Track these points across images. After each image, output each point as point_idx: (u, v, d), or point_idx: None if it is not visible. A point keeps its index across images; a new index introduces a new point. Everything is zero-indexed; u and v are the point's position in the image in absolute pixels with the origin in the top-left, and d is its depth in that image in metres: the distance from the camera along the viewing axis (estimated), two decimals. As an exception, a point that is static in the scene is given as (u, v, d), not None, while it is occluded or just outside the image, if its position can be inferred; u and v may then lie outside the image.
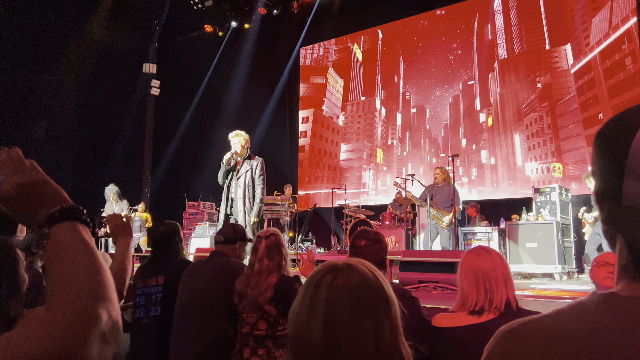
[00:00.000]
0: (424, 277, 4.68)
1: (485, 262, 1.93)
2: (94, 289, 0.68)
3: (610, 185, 0.66)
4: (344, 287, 0.97)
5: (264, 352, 2.51)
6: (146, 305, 3.01)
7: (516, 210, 7.98)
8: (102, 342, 0.64)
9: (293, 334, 0.98)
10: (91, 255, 0.73)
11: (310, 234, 10.26)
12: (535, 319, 0.68)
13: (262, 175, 5.60)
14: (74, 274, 0.69)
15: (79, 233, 0.76)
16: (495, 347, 0.68)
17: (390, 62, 12.73)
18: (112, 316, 0.68)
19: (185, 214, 10.43)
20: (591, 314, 0.64)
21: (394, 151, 12.24)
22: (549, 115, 9.99)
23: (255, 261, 2.66)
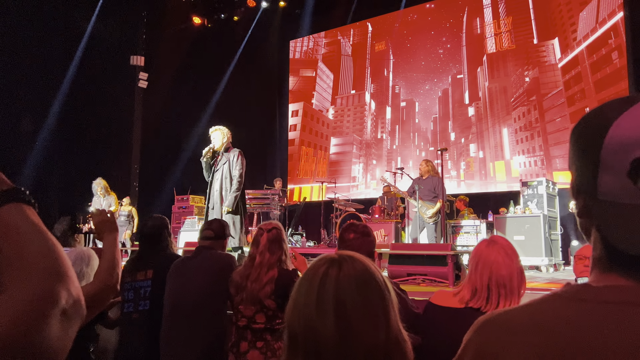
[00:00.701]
0: (413, 270, 4.72)
1: (505, 268, 1.86)
2: (50, 268, 0.66)
3: (585, 180, 0.67)
4: (351, 277, 0.98)
5: (263, 345, 2.51)
6: (135, 299, 3.00)
7: (504, 203, 8.05)
8: (63, 320, 0.63)
9: (301, 333, 0.97)
10: (43, 235, 0.71)
11: (300, 227, 10.26)
12: (510, 309, 0.71)
13: (239, 165, 5.53)
14: (27, 254, 0.67)
15: (25, 214, 0.73)
16: (473, 337, 0.71)
17: (380, 55, 12.73)
18: (73, 293, 0.66)
19: (174, 208, 10.38)
20: (563, 304, 0.66)
21: (384, 145, 12.27)
22: (537, 109, 10.07)
23: (256, 254, 2.63)
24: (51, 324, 0.61)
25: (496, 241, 1.96)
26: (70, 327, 0.65)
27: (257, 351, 2.49)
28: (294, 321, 0.99)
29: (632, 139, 0.62)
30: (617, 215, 0.64)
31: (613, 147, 0.63)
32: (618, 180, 0.63)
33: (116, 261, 1.55)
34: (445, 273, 4.53)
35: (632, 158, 0.61)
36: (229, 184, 5.48)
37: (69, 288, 0.66)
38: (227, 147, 5.63)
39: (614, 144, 0.63)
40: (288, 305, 1.03)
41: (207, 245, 3.04)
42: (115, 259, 1.55)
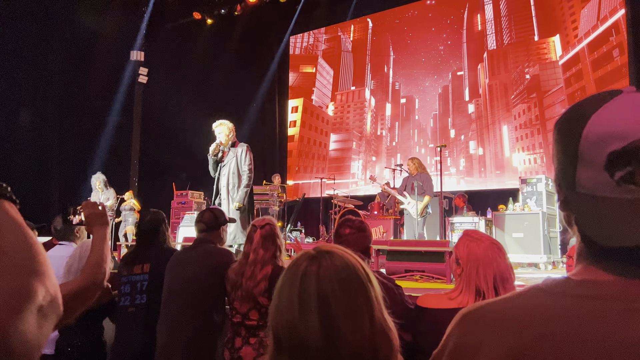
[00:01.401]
0: (411, 267, 4.72)
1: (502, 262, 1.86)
2: (27, 264, 0.66)
3: (565, 173, 0.69)
4: (331, 274, 0.97)
5: (256, 341, 2.52)
6: (131, 293, 3.00)
7: (503, 200, 8.04)
8: (40, 316, 0.63)
9: (285, 334, 0.96)
10: (22, 231, 0.71)
11: (299, 223, 10.28)
12: (491, 301, 0.72)
13: (248, 160, 5.51)
14: (5, 249, 0.67)
15: (5, 210, 0.73)
16: (454, 329, 0.73)
17: (380, 52, 12.70)
18: (50, 290, 0.66)
19: (174, 203, 10.37)
20: (542, 297, 0.68)
21: (383, 141, 12.25)
22: (537, 107, 10.05)
23: (250, 251, 2.63)
24: (26, 320, 0.60)
25: (481, 238, 1.94)
26: (46, 324, 0.64)
27: (250, 347, 2.51)
28: (277, 323, 0.98)
29: (608, 132, 0.63)
30: (594, 208, 0.65)
31: (590, 141, 0.65)
32: (595, 173, 0.64)
33: (104, 257, 1.50)
34: (442, 270, 4.52)
35: (608, 151, 0.63)
36: (236, 179, 5.44)
37: (46, 284, 0.66)
38: (233, 142, 5.59)
39: (591, 137, 0.65)
40: (270, 306, 1.01)
41: (205, 238, 3.03)
42: (103, 255, 1.50)
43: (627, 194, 0.62)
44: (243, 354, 2.50)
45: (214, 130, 5.61)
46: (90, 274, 1.45)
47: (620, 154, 0.62)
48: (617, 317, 0.61)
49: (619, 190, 0.62)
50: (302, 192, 12.51)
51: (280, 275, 2.50)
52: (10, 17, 9.67)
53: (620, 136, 0.62)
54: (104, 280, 1.48)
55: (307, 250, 1.04)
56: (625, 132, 0.62)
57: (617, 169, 0.62)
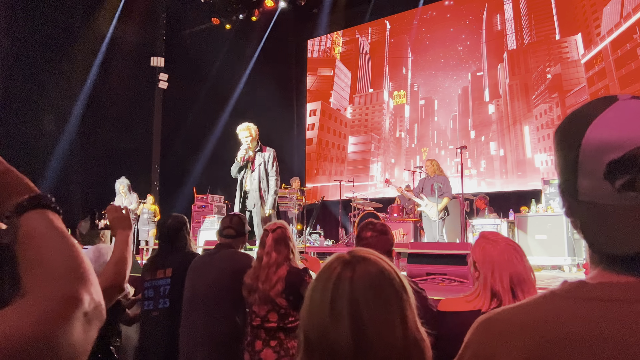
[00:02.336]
0: (432, 269, 4.68)
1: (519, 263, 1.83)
2: (73, 272, 0.67)
3: (567, 181, 0.70)
4: (365, 279, 0.95)
5: (276, 344, 2.53)
6: (155, 297, 3.03)
7: (525, 202, 7.92)
8: (85, 323, 0.64)
9: (316, 337, 0.94)
10: (66, 240, 0.72)
11: (319, 226, 10.26)
12: (509, 308, 0.73)
13: (275, 167, 5.55)
14: (50, 258, 0.68)
15: (50, 220, 0.75)
16: (472, 337, 0.73)
17: (398, 53, 12.65)
18: (94, 297, 0.67)
19: (194, 207, 10.46)
20: (559, 302, 0.68)
21: (402, 143, 12.19)
22: (559, 107, 9.89)
23: (263, 254, 2.66)
24: (74, 327, 0.62)
25: (497, 239, 1.91)
26: (91, 330, 0.66)
27: (270, 349, 2.52)
28: (308, 325, 0.97)
29: (606, 142, 0.65)
30: (596, 216, 0.66)
31: (589, 150, 0.66)
32: (595, 181, 0.65)
33: (125, 259, 1.52)
34: (465, 273, 4.47)
35: (608, 160, 0.64)
36: (265, 184, 5.48)
37: (91, 292, 0.67)
38: (260, 147, 5.61)
39: (589, 147, 0.66)
40: (302, 307, 1.00)
41: (227, 243, 3.05)
42: (124, 258, 1.52)
43: (628, 201, 0.63)
44: (264, 357, 2.51)
45: (238, 134, 5.61)
46: (110, 277, 1.46)
47: (619, 163, 0.63)
48: (634, 319, 0.61)
49: (619, 198, 0.64)
50: (321, 195, 12.52)
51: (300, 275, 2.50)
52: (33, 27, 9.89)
53: (618, 145, 0.63)
54: (123, 282, 1.49)
55: (341, 254, 1.02)
56: (623, 140, 0.63)
57: (617, 177, 0.63)
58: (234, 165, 5.62)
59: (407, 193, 7.65)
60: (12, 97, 9.82)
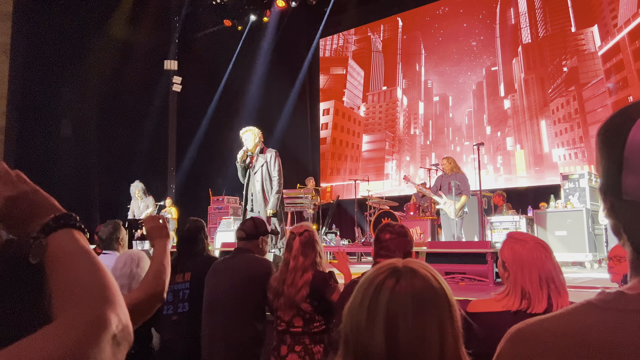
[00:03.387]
0: (451, 269, 4.63)
1: (549, 262, 1.82)
2: (101, 294, 0.68)
3: (610, 180, 0.67)
4: (407, 293, 0.93)
5: (301, 349, 2.51)
6: (174, 302, 3.04)
7: (544, 198, 7.82)
8: (114, 345, 0.64)
9: (352, 337, 0.94)
10: (92, 261, 0.73)
11: (334, 226, 10.25)
12: (543, 319, 0.70)
13: (277, 167, 5.54)
14: (78, 280, 0.69)
15: (76, 240, 0.76)
16: (505, 349, 0.71)
17: (411, 50, 12.56)
18: (122, 319, 0.68)
19: (210, 209, 10.52)
20: (596, 313, 0.65)
21: (417, 141, 12.11)
22: (576, 100, 9.74)
23: (289, 258, 2.63)
24: (103, 350, 0.62)
25: (525, 239, 1.91)
26: (119, 352, 0.66)
27: (295, 355, 2.50)
28: (346, 326, 0.96)
29: None
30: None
31: (635, 147, 0.63)
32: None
33: (164, 269, 1.50)
34: (485, 271, 4.42)
35: None
36: (269, 185, 5.48)
37: (119, 313, 0.67)
38: (261, 148, 5.62)
39: (636, 143, 0.63)
40: (345, 307, 0.99)
41: (243, 247, 3.04)
42: (163, 267, 1.50)
43: None
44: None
45: (241, 137, 5.66)
46: (150, 287, 1.45)
47: None
48: None
49: None
50: (336, 195, 12.49)
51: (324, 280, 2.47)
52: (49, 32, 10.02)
53: None
54: (163, 291, 1.48)
55: (395, 260, 1.00)
56: None
57: None
58: (238, 169, 5.67)
59: (425, 190, 7.58)
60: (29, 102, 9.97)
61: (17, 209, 0.78)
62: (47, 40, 10.01)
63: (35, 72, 9.98)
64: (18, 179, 0.81)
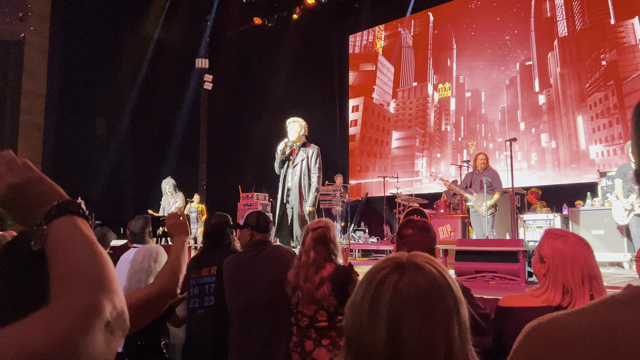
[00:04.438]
0: (481, 267, 4.53)
1: (591, 259, 1.79)
2: (96, 281, 0.67)
3: None
4: (410, 290, 0.87)
5: (329, 343, 2.49)
6: (200, 295, 3.06)
7: (580, 195, 7.57)
8: (107, 332, 0.63)
9: (354, 335, 0.90)
10: (91, 247, 0.72)
11: (363, 223, 10.19)
12: (563, 314, 0.66)
13: (317, 164, 5.48)
14: (74, 266, 0.68)
15: (77, 226, 0.75)
16: (523, 344, 0.68)
17: (443, 45, 12.36)
18: (117, 306, 0.67)
19: (240, 205, 10.60)
20: (621, 310, 0.61)
21: (449, 137, 11.92)
22: (615, 95, 9.39)
23: (302, 253, 2.63)
24: (95, 337, 0.61)
25: (566, 235, 1.87)
26: (113, 340, 0.65)
27: (323, 349, 2.48)
28: (347, 322, 0.93)
29: None
30: None
31: None
32: None
33: (179, 266, 1.50)
34: (516, 270, 4.30)
35: None
36: (307, 180, 5.44)
37: (114, 301, 0.66)
38: (304, 142, 5.57)
39: None
40: (347, 301, 0.96)
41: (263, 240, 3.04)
42: (178, 264, 1.51)
43: None
44: (317, 356, 2.47)
45: (287, 127, 5.58)
46: (164, 283, 1.45)
47: None
48: None
49: None
50: (364, 192, 12.41)
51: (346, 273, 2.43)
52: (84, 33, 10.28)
53: None
54: (177, 288, 1.48)
55: (399, 254, 0.96)
56: None
57: None
58: (275, 159, 5.61)
59: (455, 187, 7.44)
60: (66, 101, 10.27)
61: (23, 196, 0.78)
62: (83, 41, 10.28)
63: (72, 71, 10.28)
64: (25, 167, 0.81)
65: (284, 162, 5.57)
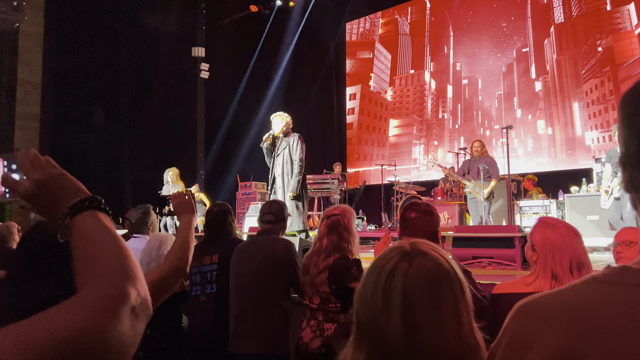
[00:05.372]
0: (478, 253, 4.59)
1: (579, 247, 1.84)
2: (121, 269, 0.72)
3: (630, 151, 0.65)
4: (420, 276, 0.93)
5: (315, 323, 2.55)
6: (202, 283, 3.12)
7: (576, 181, 7.64)
8: (133, 317, 0.68)
9: (367, 324, 0.95)
10: (114, 239, 0.78)
11: (361, 211, 10.24)
12: (547, 293, 0.70)
13: (299, 150, 5.58)
14: (100, 256, 0.74)
15: (100, 220, 0.81)
16: (509, 322, 0.72)
17: (440, 32, 12.34)
18: (141, 293, 0.72)
19: (238, 194, 10.63)
20: (600, 287, 0.65)
21: (446, 124, 11.95)
22: (611, 81, 9.42)
23: (317, 240, 2.66)
24: (123, 321, 0.66)
25: (557, 224, 1.92)
26: (139, 324, 0.70)
27: (309, 329, 2.55)
28: (360, 311, 0.97)
29: None
30: None
31: None
32: None
33: (187, 244, 1.55)
34: (512, 256, 4.37)
35: None
36: (289, 168, 5.56)
37: (138, 287, 0.72)
38: (286, 132, 5.71)
39: None
40: (356, 292, 1.00)
41: (268, 229, 3.09)
42: (187, 242, 1.55)
43: None
44: (304, 335, 2.55)
45: (272, 121, 5.76)
46: (174, 261, 1.50)
47: None
48: None
49: None
50: (362, 180, 12.46)
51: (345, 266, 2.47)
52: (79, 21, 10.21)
53: None
54: (186, 266, 1.53)
55: (402, 243, 1.01)
56: None
57: None
58: (264, 152, 5.79)
59: (453, 174, 7.50)
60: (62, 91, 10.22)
61: (46, 191, 0.84)
62: (78, 30, 10.21)
63: (67, 60, 10.22)
64: (47, 164, 0.86)
65: (270, 152, 5.71)
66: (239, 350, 2.86)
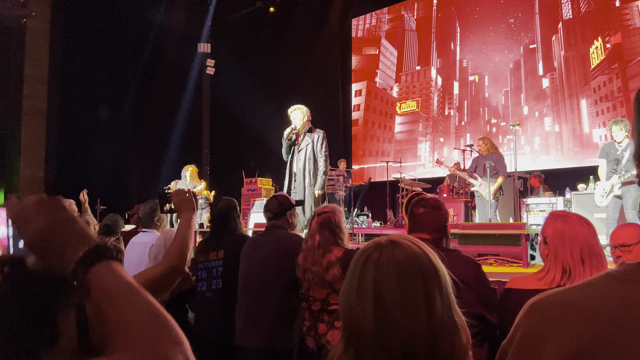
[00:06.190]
0: (484, 250, 4.57)
1: (591, 237, 1.82)
2: (165, 334, 0.66)
3: None
4: (389, 262, 0.97)
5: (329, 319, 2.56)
6: (208, 278, 3.12)
7: (583, 179, 7.58)
8: None
9: (345, 315, 0.99)
10: (144, 297, 0.70)
11: (366, 208, 10.22)
12: (562, 290, 0.70)
13: (324, 148, 5.51)
14: (137, 320, 0.66)
15: (117, 273, 0.72)
16: (522, 320, 0.71)
17: (446, 28, 12.27)
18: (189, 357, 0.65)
19: (244, 190, 10.64)
20: (614, 285, 0.64)
21: (452, 121, 11.90)
22: (620, 78, 9.33)
23: (308, 237, 2.69)
24: None
25: (568, 215, 1.91)
26: None
27: (337, 331, 2.51)
28: (341, 304, 1.02)
29: None
30: None
31: None
32: None
33: (186, 242, 1.52)
34: (519, 253, 4.34)
35: None
36: (312, 165, 5.47)
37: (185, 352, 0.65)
38: (309, 128, 5.60)
39: None
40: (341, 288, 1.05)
41: (275, 224, 3.08)
42: (185, 241, 1.52)
43: None
44: (330, 339, 2.52)
45: (290, 115, 5.62)
46: (172, 260, 1.48)
47: None
48: None
49: None
50: (367, 177, 12.43)
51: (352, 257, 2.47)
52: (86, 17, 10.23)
53: None
54: (184, 265, 1.51)
55: (379, 238, 1.05)
56: None
57: None
58: (282, 146, 5.65)
59: (459, 173, 7.46)
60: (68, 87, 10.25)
61: (53, 235, 0.75)
62: (85, 25, 10.24)
63: (74, 56, 10.25)
64: (56, 206, 0.78)
65: (290, 147, 5.60)
66: (247, 343, 2.85)
